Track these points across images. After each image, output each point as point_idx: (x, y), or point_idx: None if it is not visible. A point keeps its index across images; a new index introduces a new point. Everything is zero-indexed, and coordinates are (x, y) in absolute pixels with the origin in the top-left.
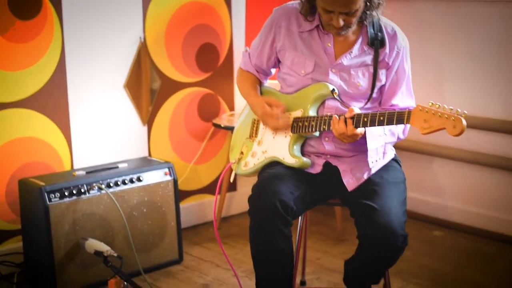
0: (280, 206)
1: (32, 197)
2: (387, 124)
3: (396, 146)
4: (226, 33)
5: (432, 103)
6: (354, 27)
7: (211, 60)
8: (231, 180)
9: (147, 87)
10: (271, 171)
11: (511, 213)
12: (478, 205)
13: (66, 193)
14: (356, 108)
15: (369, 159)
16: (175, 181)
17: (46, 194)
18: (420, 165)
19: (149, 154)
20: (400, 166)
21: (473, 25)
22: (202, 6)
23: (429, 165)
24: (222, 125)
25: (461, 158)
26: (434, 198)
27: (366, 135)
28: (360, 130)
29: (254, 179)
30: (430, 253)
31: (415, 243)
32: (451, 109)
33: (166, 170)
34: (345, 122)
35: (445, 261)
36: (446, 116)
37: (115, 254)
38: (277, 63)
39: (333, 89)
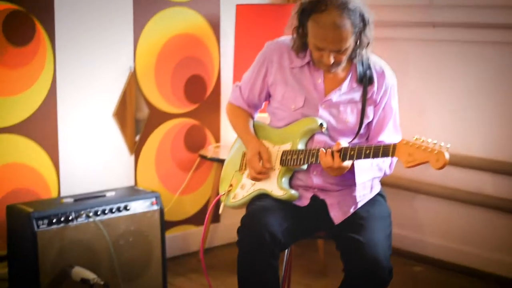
0: (269, 238)
1: (20, 223)
2: (373, 157)
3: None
4: (214, 65)
5: (416, 138)
6: (343, 64)
7: (199, 91)
8: (220, 211)
9: (135, 117)
10: (260, 203)
11: (491, 250)
12: (458, 242)
13: (54, 220)
14: (343, 141)
15: (357, 193)
16: (161, 211)
17: (34, 221)
18: (401, 200)
19: (136, 184)
20: (385, 200)
21: (453, 64)
22: (191, 38)
23: (410, 201)
24: (208, 157)
25: (441, 194)
26: (415, 233)
27: (355, 169)
28: (346, 163)
29: (238, 211)
30: None
31: (396, 278)
32: (435, 143)
33: (153, 199)
34: (332, 155)
35: None
36: (430, 150)
37: (102, 282)
38: (268, 96)
39: (321, 124)
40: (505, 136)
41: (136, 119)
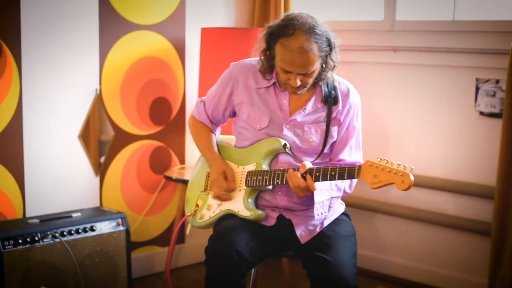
0: (236, 257)
1: None
2: (338, 179)
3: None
4: (180, 88)
5: (380, 159)
6: (309, 86)
7: (164, 113)
8: (187, 232)
9: (100, 138)
10: (227, 223)
11: (453, 269)
12: (421, 261)
13: (20, 241)
14: (308, 162)
15: (315, 211)
16: (127, 232)
17: (0, 241)
18: (364, 220)
19: (101, 204)
20: (350, 220)
21: (414, 87)
22: (157, 61)
23: (373, 220)
24: (173, 178)
25: (404, 214)
26: (378, 253)
27: None
28: (317, 184)
29: (201, 232)
30: None
31: None
32: (399, 164)
33: (119, 220)
34: (304, 177)
35: None
36: (395, 171)
37: None
38: (233, 114)
39: (285, 144)
40: (464, 157)
41: (101, 141)
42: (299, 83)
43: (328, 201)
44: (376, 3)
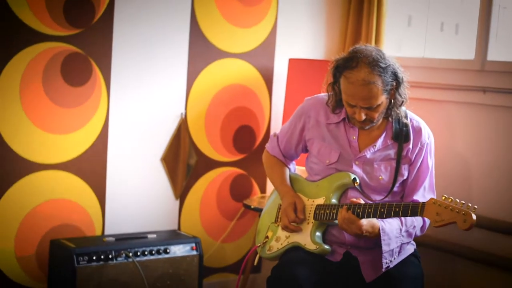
0: None
1: (62, 258)
2: (402, 215)
3: (420, 243)
4: (265, 117)
5: (445, 197)
6: (378, 122)
7: (248, 142)
8: (255, 263)
9: (183, 162)
10: (291, 255)
11: None
12: None
13: (94, 257)
14: (361, 200)
15: (383, 260)
16: (200, 257)
17: (75, 256)
18: (444, 264)
19: (179, 228)
20: (419, 261)
21: (501, 129)
22: (244, 89)
23: (452, 264)
24: (252, 206)
25: (485, 260)
26: None
27: (382, 237)
28: (368, 221)
29: None
30: None
31: None
32: (463, 203)
33: (193, 245)
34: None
35: None
36: (457, 210)
37: None
38: (305, 149)
39: (355, 178)
40: None
41: (184, 165)
42: (364, 117)
43: (398, 247)
44: (468, 42)
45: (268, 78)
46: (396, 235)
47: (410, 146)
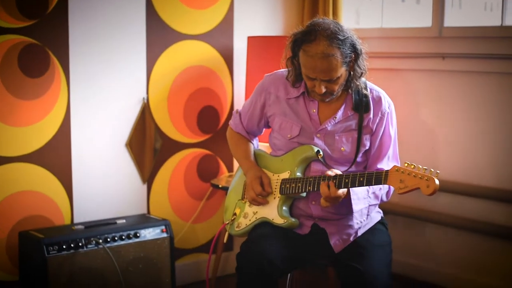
0: (267, 264)
1: (31, 249)
2: (366, 185)
3: (389, 210)
4: (227, 96)
5: (408, 164)
6: (338, 94)
7: (212, 122)
8: (225, 240)
9: (150, 147)
10: (260, 231)
11: (504, 279)
12: (469, 271)
13: (64, 246)
14: (336, 170)
15: (355, 220)
16: (171, 239)
17: (44, 247)
18: (413, 229)
19: (148, 212)
20: (387, 228)
21: (462, 94)
22: (205, 70)
23: (422, 230)
24: (220, 186)
25: (453, 224)
26: (427, 263)
27: (351, 197)
28: (341, 191)
29: None
30: None
31: None
32: (425, 169)
33: (163, 227)
34: (328, 186)
35: None
36: (420, 176)
37: None
38: (267, 125)
39: (318, 151)
40: None
41: (149, 149)
42: (324, 90)
43: (366, 209)
44: (424, 9)
45: (228, 57)
46: (364, 196)
47: (371, 116)
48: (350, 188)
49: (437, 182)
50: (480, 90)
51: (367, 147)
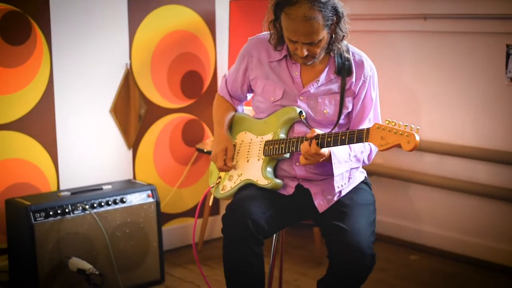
0: (252, 225)
1: (18, 216)
2: (348, 143)
3: (373, 172)
4: (210, 61)
5: (388, 121)
6: (320, 57)
7: (196, 87)
8: (210, 203)
9: (134, 112)
10: (245, 192)
11: (485, 237)
12: (453, 230)
13: (51, 213)
14: (318, 130)
15: (335, 184)
16: (157, 203)
17: (31, 213)
18: (397, 190)
19: (134, 177)
20: (370, 188)
21: (444, 55)
22: (187, 35)
23: (406, 190)
24: (205, 150)
25: (436, 183)
26: (411, 223)
27: (332, 161)
28: (323, 150)
29: None
30: (406, 276)
31: (392, 267)
32: (406, 125)
33: (149, 192)
34: (310, 144)
35: (421, 284)
36: (401, 132)
37: (97, 272)
38: (251, 90)
39: (301, 112)
40: (496, 124)
41: (133, 114)
42: (306, 52)
43: (348, 172)
44: None
45: (210, 22)
46: (345, 160)
47: (353, 79)
48: (332, 152)
49: (417, 137)
50: (461, 50)
51: (349, 109)
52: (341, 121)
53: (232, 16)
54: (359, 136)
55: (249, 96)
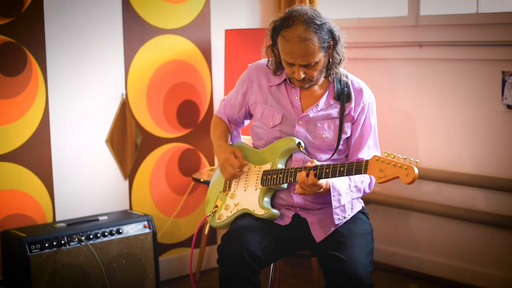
0: (247, 255)
1: (14, 248)
2: (347, 175)
3: (372, 200)
4: (207, 90)
5: (387, 153)
6: (318, 80)
7: (192, 116)
8: (206, 232)
9: (131, 142)
10: (241, 222)
11: (485, 265)
12: (452, 258)
13: (47, 245)
14: (317, 162)
15: (335, 216)
16: (154, 234)
17: (27, 245)
18: (396, 218)
19: (130, 208)
20: (368, 218)
21: (440, 82)
22: (183, 64)
23: (404, 218)
24: (202, 180)
25: (435, 211)
26: (410, 251)
27: (331, 193)
28: (322, 181)
29: None
30: None
31: None
32: (405, 158)
33: (146, 222)
34: (307, 174)
35: None
36: (400, 165)
37: None
38: (249, 115)
39: (299, 143)
40: (493, 151)
41: (129, 144)
42: (302, 75)
43: (350, 203)
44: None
45: (206, 51)
46: (345, 191)
47: (352, 105)
48: (331, 184)
49: (416, 171)
50: (457, 78)
51: (348, 135)
52: (340, 146)
53: (227, 45)
54: (358, 168)
55: (246, 122)
